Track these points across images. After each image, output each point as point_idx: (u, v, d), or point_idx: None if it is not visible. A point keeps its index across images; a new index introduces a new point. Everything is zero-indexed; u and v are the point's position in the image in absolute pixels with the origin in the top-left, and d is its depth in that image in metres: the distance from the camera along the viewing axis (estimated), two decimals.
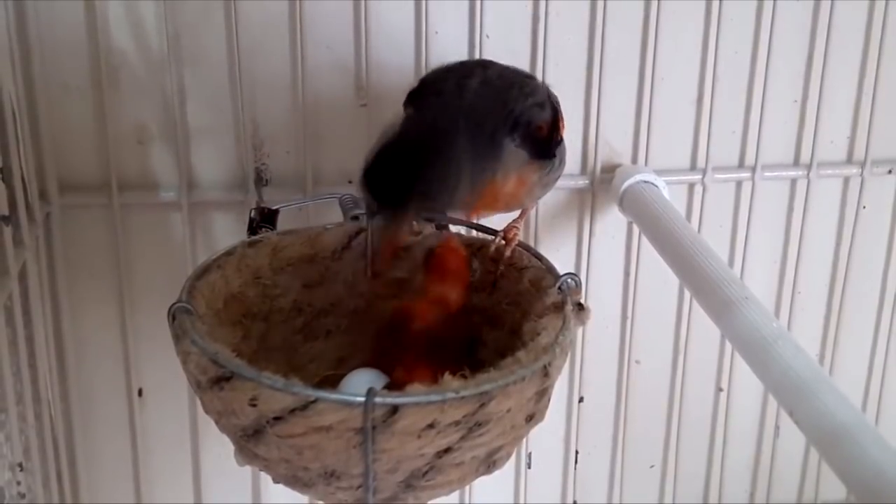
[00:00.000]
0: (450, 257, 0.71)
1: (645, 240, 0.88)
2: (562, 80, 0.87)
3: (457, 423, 0.53)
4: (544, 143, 0.67)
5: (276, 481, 0.59)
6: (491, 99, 0.66)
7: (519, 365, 0.57)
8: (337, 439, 0.53)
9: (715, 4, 0.88)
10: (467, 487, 0.98)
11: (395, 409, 0.52)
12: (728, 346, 0.98)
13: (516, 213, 0.74)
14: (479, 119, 0.63)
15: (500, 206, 0.68)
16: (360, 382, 0.66)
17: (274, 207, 0.77)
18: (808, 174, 0.94)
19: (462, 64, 0.71)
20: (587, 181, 0.91)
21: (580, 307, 0.65)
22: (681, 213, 0.86)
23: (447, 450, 0.54)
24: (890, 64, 0.92)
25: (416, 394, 0.53)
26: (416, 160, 0.60)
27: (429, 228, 0.75)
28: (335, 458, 0.54)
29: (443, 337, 0.68)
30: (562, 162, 0.71)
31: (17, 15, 0.78)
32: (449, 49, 0.84)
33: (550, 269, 0.68)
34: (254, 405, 0.53)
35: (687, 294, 0.95)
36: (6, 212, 0.73)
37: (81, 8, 0.79)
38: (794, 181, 0.95)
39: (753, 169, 0.93)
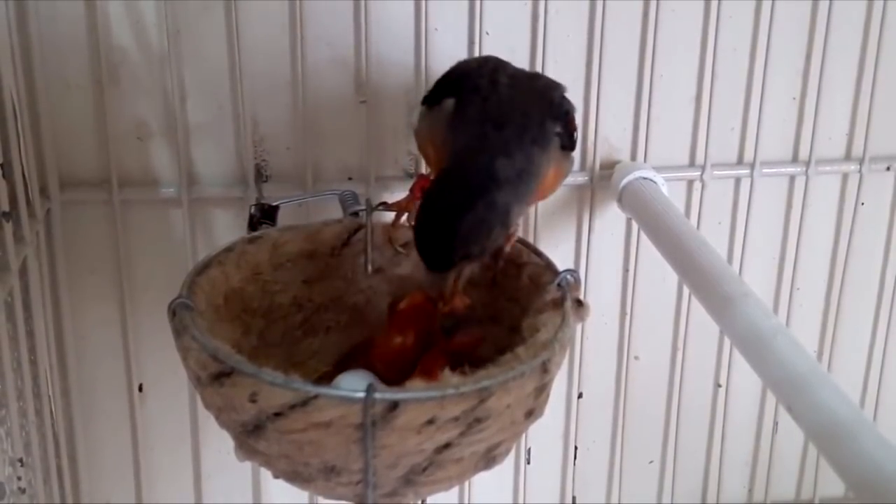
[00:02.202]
0: (413, 315, 0.70)
1: (644, 236, 0.88)
2: (561, 77, 0.86)
3: (456, 418, 0.54)
4: (572, 134, 0.69)
5: (276, 476, 0.59)
6: (532, 91, 0.67)
7: (518, 361, 0.57)
8: (337, 435, 0.53)
9: (714, 2, 0.88)
10: (467, 483, 0.98)
11: (394, 405, 0.52)
12: (727, 343, 0.99)
13: None
14: (525, 108, 0.64)
15: (545, 195, 0.69)
16: (351, 382, 0.65)
17: (274, 204, 0.77)
18: (806, 171, 0.94)
19: (486, 59, 0.72)
20: (586, 178, 0.91)
21: (579, 303, 0.65)
22: (680, 210, 0.86)
23: (447, 445, 0.54)
24: (888, 61, 0.92)
25: (415, 389, 0.53)
26: (453, 215, 0.59)
27: None
28: (335, 454, 0.54)
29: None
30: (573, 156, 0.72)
31: (17, 12, 0.78)
32: (448, 46, 0.85)
33: (550, 266, 0.69)
34: (254, 401, 0.54)
35: (686, 290, 0.96)
36: (7, 208, 0.73)
37: (82, 5, 0.80)
38: (792, 178, 0.96)
39: (752, 166, 0.93)
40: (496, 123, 0.63)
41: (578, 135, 0.88)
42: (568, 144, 0.68)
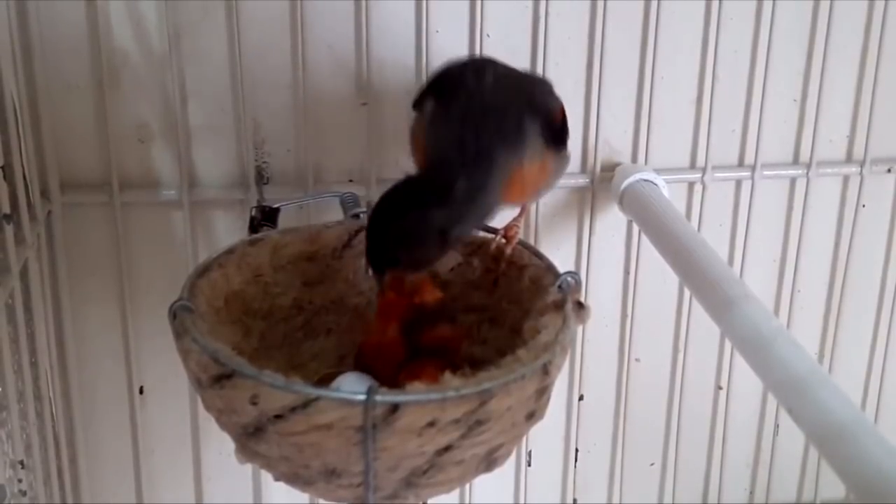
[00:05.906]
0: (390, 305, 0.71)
1: (645, 238, 0.88)
2: (562, 79, 0.87)
3: (457, 420, 0.54)
4: (558, 130, 0.68)
5: (276, 479, 0.59)
6: (511, 88, 0.67)
7: (519, 363, 0.57)
8: (337, 437, 0.53)
9: (715, 4, 0.88)
10: (468, 485, 0.98)
11: (395, 407, 0.52)
12: (727, 345, 0.99)
13: (516, 212, 0.74)
14: (503, 106, 0.64)
15: (527, 193, 0.69)
16: (351, 384, 0.65)
17: (275, 206, 0.77)
18: (807, 173, 0.94)
19: (471, 59, 0.72)
20: (587, 180, 0.91)
21: (580, 305, 0.65)
22: (680, 212, 0.86)
23: (448, 448, 0.54)
24: (889, 63, 0.92)
25: (416, 392, 0.53)
26: (385, 220, 0.62)
27: None
28: (336, 456, 0.54)
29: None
30: (569, 153, 0.72)
31: (18, 14, 0.78)
32: (449, 48, 0.85)
33: (550, 268, 0.68)
34: (254, 403, 0.53)
35: (686, 292, 0.96)
36: (8, 210, 0.73)
37: (83, 7, 0.80)
38: (793, 180, 0.96)
39: (753, 168, 0.93)
40: (469, 126, 0.63)
41: (580, 137, 0.89)
42: (551, 140, 0.67)
